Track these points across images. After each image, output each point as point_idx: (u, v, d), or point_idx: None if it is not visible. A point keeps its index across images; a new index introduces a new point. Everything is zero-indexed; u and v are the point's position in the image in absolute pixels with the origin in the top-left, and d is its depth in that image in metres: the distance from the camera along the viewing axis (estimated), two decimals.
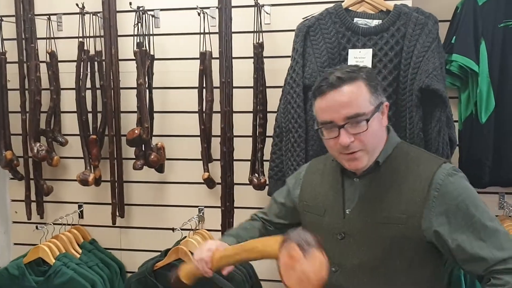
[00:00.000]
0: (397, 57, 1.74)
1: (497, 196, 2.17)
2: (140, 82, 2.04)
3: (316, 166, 1.55)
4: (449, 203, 1.28)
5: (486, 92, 1.99)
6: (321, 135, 1.36)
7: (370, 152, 1.34)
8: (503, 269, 1.23)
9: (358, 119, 1.29)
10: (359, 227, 1.36)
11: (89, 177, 2.14)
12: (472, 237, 1.26)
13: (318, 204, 1.46)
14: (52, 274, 2.03)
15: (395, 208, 1.32)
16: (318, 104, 1.34)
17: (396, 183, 1.34)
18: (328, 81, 1.31)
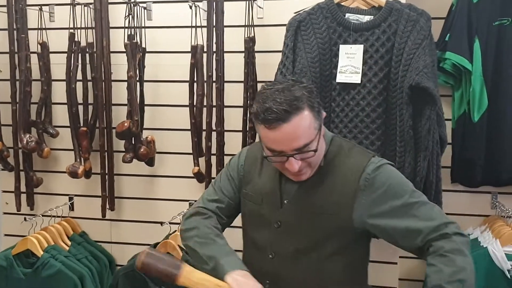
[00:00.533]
0: (388, 53, 1.72)
1: (489, 196, 2.16)
2: (130, 75, 2.03)
3: (255, 155, 1.56)
4: (377, 192, 1.37)
5: (479, 91, 1.98)
6: (267, 158, 1.39)
7: (313, 167, 1.41)
8: (437, 236, 1.31)
9: (306, 149, 1.33)
10: (294, 217, 1.43)
11: (79, 169, 2.13)
12: (404, 216, 1.35)
13: (256, 192, 1.51)
14: (40, 266, 2.03)
15: (329, 199, 1.40)
16: (266, 133, 1.33)
17: (329, 174, 1.42)
18: (275, 113, 1.28)
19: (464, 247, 1.30)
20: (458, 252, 1.28)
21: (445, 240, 1.30)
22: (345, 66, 1.77)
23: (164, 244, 2.01)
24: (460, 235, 1.32)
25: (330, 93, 1.81)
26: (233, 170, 1.59)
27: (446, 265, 1.27)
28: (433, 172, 1.72)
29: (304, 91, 1.33)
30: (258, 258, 1.48)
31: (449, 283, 1.25)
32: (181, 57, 2.15)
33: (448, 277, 1.26)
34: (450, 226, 1.33)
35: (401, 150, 1.72)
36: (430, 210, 1.37)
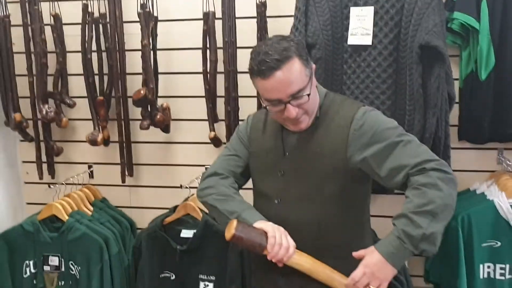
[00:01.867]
0: (398, 14, 1.77)
1: (495, 152, 2.22)
2: (145, 44, 2.08)
3: (258, 117, 1.72)
4: (367, 134, 1.49)
5: (487, 49, 2.00)
6: (267, 108, 1.52)
7: (310, 114, 1.54)
8: (415, 171, 1.40)
9: (300, 93, 1.45)
10: (296, 164, 1.57)
11: (98, 137, 2.20)
12: (391, 154, 1.45)
13: (261, 148, 1.65)
14: (65, 230, 2.13)
15: (325, 144, 1.53)
16: (261, 84, 1.46)
17: (325, 124, 1.55)
18: (268, 64, 1.42)
19: (440, 181, 1.37)
20: (431, 186, 1.36)
21: (422, 175, 1.38)
22: (356, 28, 1.82)
23: (184, 206, 2.11)
24: (438, 171, 1.39)
25: (342, 55, 1.87)
26: (242, 133, 1.73)
27: (417, 197, 1.36)
28: (442, 128, 1.79)
29: (292, 43, 1.46)
30: (266, 205, 1.60)
31: (415, 213, 1.35)
32: (193, 25, 2.19)
33: (415, 208, 1.35)
34: (430, 163, 1.40)
35: (411, 108, 1.78)
36: (416, 148, 1.46)
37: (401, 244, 1.36)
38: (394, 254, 1.38)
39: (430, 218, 1.34)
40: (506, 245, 1.98)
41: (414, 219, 1.35)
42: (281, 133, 1.61)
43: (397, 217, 1.41)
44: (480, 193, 2.13)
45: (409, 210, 1.36)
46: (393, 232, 1.39)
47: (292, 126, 1.55)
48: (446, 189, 1.37)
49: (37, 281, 2.19)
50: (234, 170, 1.70)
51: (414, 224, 1.35)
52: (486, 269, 2.01)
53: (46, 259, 2.17)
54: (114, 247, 2.15)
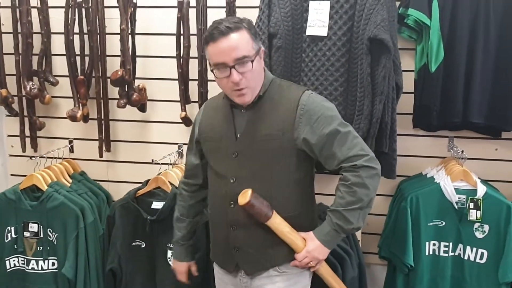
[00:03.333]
0: (352, 9, 1.93)
1: (446, 140, 2.38)
2: (123, 28, 2.23)
3: (211, 105, 1.85)
4: (312, 117, 1.65)
5: (437, 44, 2.16)
6: (215, 76, 1.64)
7: (252, 89, 1.66)
8: (348, 167, 1.63)
9: (245, 59, 1.59)
10: (247, 145, 1.70)
11: (78, 113, 2.35)
12: (330, 140, 1.63)
13: (215, 133, 1.77)
14: (45, 199, 2.27)
15: (274, 126, 1.67)
16: (211, 49, 1.60)
17: (272, 108, 1.69)
18: (219, 29, 1.57)
19: (367, 179, 1.62)
20: (360, 185, 1.61)
21: (353, 174, 1.62)
22: (314, 21, 1.98)
23: (155, 179, 2.26)
24: (367, 168, 1.63)
25: (301, 45, 2.03)
26: (193, 127, 1.88)
27: (348, 195, 1.63)
28: (388, 114, 1.96)
29: (243, 20, 1.63)
30: (222, 184, 1.74)
31: (346, 211, 1.62)
32: (170, 12, 2.34)
33: (347, 205, 1.62)
34: (361, 159, 1.62)
35: (361, 95, 1.95)
36: (351, 140, 1.65)
37: (336, 233, 1.67)
38: (330, 241, 1.69)
39: (359, 212, 1.64)
40: (450, 225, 2.13)
41: (346, 216, 1.63)
42: (231, 116, 1.73)
43: (332, 211, 1.66)
44: (430, 177, 2.28)
45: (342, 207, 1.63)
46: (329, 224, 1.67)
47: (237, 98, 1.66)
48: (372, 186, 1.64)
49: (17, 245, 2.33)
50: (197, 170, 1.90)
51: (346, 220, 1.63)
52: (431, 246, 2.17)
53: (26, 226, 2.30)
54: (89, 216, 2.30)
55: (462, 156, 2.21)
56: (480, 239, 2.11)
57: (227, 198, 1.71)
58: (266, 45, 2.01)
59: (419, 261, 2.16)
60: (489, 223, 2.09)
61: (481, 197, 2.07)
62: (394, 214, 2.25)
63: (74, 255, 2.27)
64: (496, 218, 2.07)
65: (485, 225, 2.10)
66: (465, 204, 2.10)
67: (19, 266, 2.36)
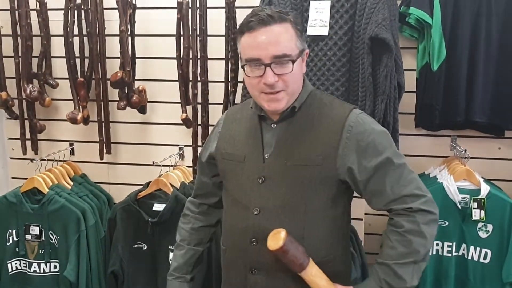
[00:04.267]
0: (353, 8, 1.92)
1: (449, 139, 2.37)
2: (122, 29, 2.22)
3: (234, 116, 1.56)
4: (360, 142, 1.37)
5: (438, 42, 2.15)
6: (245, 73, 1.36)
7: (290, 94, 1.37)
8: (401, 209, 1.34)
9: (285, 59, 1.31)
10: (278, 170, 1.40)
11: (78, 116, 2.34)
12: (381, 173, 1.36)
13: (238, 151, 1.48)
14: (46, 201, 2.26)
15: (312, 150, 1.39)
16: (246, 40, 1.33)
17: (311, 127, 1.41)
18: (259, 17, 1.30)
19: (425, 227, 1.32)
20: (416, 233, 1.32)
21: (407, 218, 1.33)
22: (314, 20, 1.97)
23: (156, 181, 2.25)
24: (424, 212, 1.34)
25: None
26: (209, 140, 1.60)
27: (401, 245, 1.32)
28: (390, 114, 1.94)
29: (292, 14, 1.37)
30: (242, 216, 1.45)
31: (398, 265, 1.32)
32: (169, 13, 2.32)
33: (399, 258, 1.32)
34: (417, 201, 1.34)
35: (362, 95, 1.94)
36: (406, 175, 1.37)
37: None
38: None
39: (412, 267, 1.33)
40: (453, 225, 2.12)
41: (397, 271, 1.33)
42: (260, 132, 1.45)
43: (380, 265, 1.37)
44: (432, 177, 2.28)
45: (393, 260, 1.33)
46: (375, 279, 1.37)
47: (267, 103, 1.37)
48: (430, 234, 1.35)
49: (19, 249, 2.32)
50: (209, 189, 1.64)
51: (397, 276, 1.33)
52: (435, 246, 2.16)
53: (28, 229, 2.29)
54: (91, 219, 2.29)
55: (465, 156, 2.20)
56: (484, 238, 2.10)
57: (248, 234, 1.42)
58: None
59: None
60: (493, 223, 2.07)
61: (485, 197, 2.06)
62: None
63: (75, 258, 2.26)
64: (500, 218, 2.06)
65: (488, 225, 2.08)
66: (468, 204, 2.09)
67: (21, 269, 2.35)
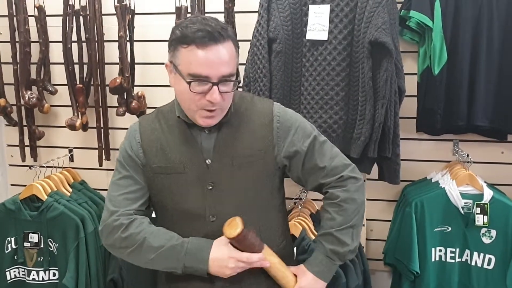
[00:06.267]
0: (352, 12, 1.90)
1: (451, 143, 2.34)
2: (121, 35, 2.21)
3: (151, 127, 1.48)
4: (289, 129, 1.46)
5: (439, 46, 2.13)
6: (190, 89, 1.31)
7: (224, 110, 1.40)
8: (334, 180, 1.45)
9: (231, 78, 1.33)
10: (225, 173, 1.42)
11: (76, 122, 2.33)
12: (311, 151, 1.46)
13: (173, 162, 1.43)
14: (44, 209, 2.24)
15: (253, 146, 1.44)
16: (193, 54, 1.28)
17: (245, 124, 1.45)
18: (210, 33, 1.27)
19: (355, 193, 1.45)
20: (350, 201, 1.44)
21: (341, 189, 1.45)
22: (314, 25, 1.95)
23: None
24: (353, 180, 1.46)
25: (301, 49, 2.00)
26: (133, 150, 1.47)
27: (339, 214, 1.44)
28: (391, 118, 1.92)
29: (229, 27, 1.35)
30: (196, 226, 1.43)
31: (339, 232, 1.43)
32: (168, 18, 2.31)
33: (338, 226, 1.43)
34: (346, 169, 1.47)
35: (363, 99, 1.92)
36: (331, 149, 1.49)
37: (330, 261, 1.45)
38: (324, 271, 1.46)
39: (351, 231, 1.44)
40: (456, 230, 2.10)
41: (339, 238, 1.43)
42: (193, 139, 1.43)
43: (322, 235, 1.46)
44: (434, 182, 2.26)
45: (334, 229, 1.43)
46: (321, 251, 1.46)
47: (202, 119, 1.36)
48: (361, 199, 1.48)
49: (17, 256, 2.30)
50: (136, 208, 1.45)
51: (340, 242, 1.43)
52: (437, 252, 2.14)
53: (27, 236, 2.27)
54: (90, 226, 2.26)
55: (468, 160, 2.18)
56: (488, 244, 2.08)
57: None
58: (266, 50, 1.98)
59: (425, 267, 2.13)
60: (496, 228, 2.06)
61: (488, 202, 2.04)
62: (399, 220, 2.22)
63: (75, 265, 2.24)
64: (504, 223, 2.04)
65: (492, 230, 2.07)
66: (471, 209, 2.07)
67: (20, 277, 2.33)
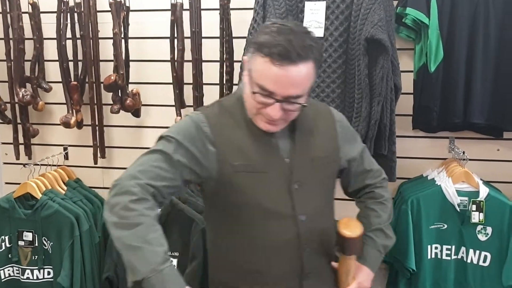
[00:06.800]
0: (348, 9, 1.90)
1: (447, 141, 2.34)
2: (115, 32, 2.19)
3: (220, 121, 1.41)
4: (347, 134, 1.56)
5: (436, 43, 2.12)
6: (252, 96, 1.30)
7: (287, 121, 1.38)
8: (378, 181, 1.62)
9: (297, 100, 1.30)
10: (307, 172, 1.42)
11: (71, 119, 2.32)
12: (361, 155, 1.58)
13: (253, 161, 1.38)
14: (39, 207, 2.23)
15: (326, 147, 1.47)
16: (267, 68, 1.25)
17: (313, 126, 1.46)
18: (289, 53, 1.23)
19: (389, 193, 1.64)
20: (389, 199, 1.62)
21: (383, 189, 1.62)
22: (310, 21, 1.94)
23: None
24: (387, 181, 1.67)
25: None
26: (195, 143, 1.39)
27: (384, 212, 1.59)
28: (387, 116, 1.92)
29: (314, 43, 1.29)
30: (285, 225, 1.40)
31: (386, 227, 1.58)
32: (163, 15, 2.30)
33: (385, 222, 1.58)
34: (382, 171, 1.64)
35: (359, 96, 1.91)
36: (369, 153, 1.64)
37: (380, 255, 1.57)
38: (376, 265, 1.57)
39: (390, 227, 1.61)
40: (452, 227, 2.10)
41: (387, 233, 1.57)
42: (267, 137, 1.39)
43: (373, 231, 1.55)
44: (430, 179, 2.25)
45: (381, 225, 1.56)
46: (374, 246, 1.55)
47: (264, 123, 1.35)
48: (390, 198, 1.65)
49: (12, 255, 2.29)
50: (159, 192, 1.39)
51: (388, 237, 1.58)
52: (433, 249, 2.14)
53: (21, 235, 2.26)
54: (84, 224, 2.26)
55: (464, 157, 2.17)
56: (483, 241, 2.08)
57: (300, 243, 1.40)
58: None
59: (421, 265, 2.12)
60: (492, 225, 2.05)
61: (484, 199, 2.04)
62: (395, 217, 2.20)
63: (69, 264, 2.23)
64: (499, 220, 2.04)
65: (488, 227, 2.06)
66: (467, 206, 2.07)
67: (14, 276, 2.32)
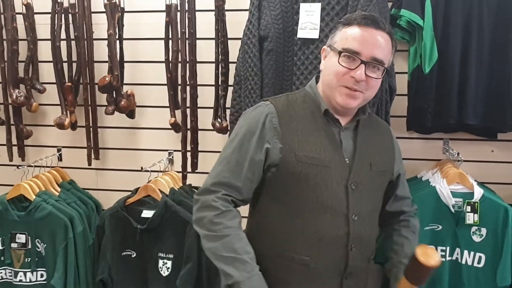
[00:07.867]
0: (343, 10, 1.89)
1: (441, 142, 2.34)
2: (110, 33, 2.18)
3: (287, 112, 1.44)
4: (399, 151, 1.62)
5: (430, 45, 2.13)
6: (338, 60, 1.37)
7: (364, 99, 1.43)
8: (412, 211, 1.68)
9: (380, 66, 1.39)
10: (365, 176, 1.46)
11: (65, 121, 2.30)
12: (401, 176, 1.63)
13: (319, 154, 1.41)
14: (32, 209, 2.22)
15: (384, 157, 1.54)
16: (353, 31, 1.38)
17: (374, 134, 1.54)
18: (375, 21, 1.38)
19: None
20: (418, 230, 1.69)
21: (416, 220, 1.68)
22: (305, 23, 1.94)
23: (145, 187, 2.21)
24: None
25: (292, 47, 1.99)
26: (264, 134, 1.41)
27: (415, 241, 1.63)
28: (382, 117, 1.92)
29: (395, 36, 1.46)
30: (338, 223, 1.42)
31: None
32: (157, 16, 2.29)
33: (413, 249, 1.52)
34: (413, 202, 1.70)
35: None
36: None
37: None
38: None
39: None
40: (447, 229, 2.09)
41: None
42: (332, 134, 1.44)
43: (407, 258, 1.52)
44: (425, 180, 2.25)
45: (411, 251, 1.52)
46: None
47: (343, 97, 1.38)
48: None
49: (4, 257, 2.27)
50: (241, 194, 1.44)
51: None
52: None
53: (14, 237, 2.24)
54: (78, 226, 2.25)
55: (458, 159, 2.17)
56: (478, 242, 2.08)
57: (348, 241, 1.43)
58: (257, 48, 1.97)
59: None
60: (487, 226, 2.05)
61: (478, 200, 2.04)
62: None
63: (63, 266, 2.22)
64: (494, 221, 2.04)
65: (482, 229, 2.06)
66: (461, 208, 2.06)
67: (7, 279, 2.30)
